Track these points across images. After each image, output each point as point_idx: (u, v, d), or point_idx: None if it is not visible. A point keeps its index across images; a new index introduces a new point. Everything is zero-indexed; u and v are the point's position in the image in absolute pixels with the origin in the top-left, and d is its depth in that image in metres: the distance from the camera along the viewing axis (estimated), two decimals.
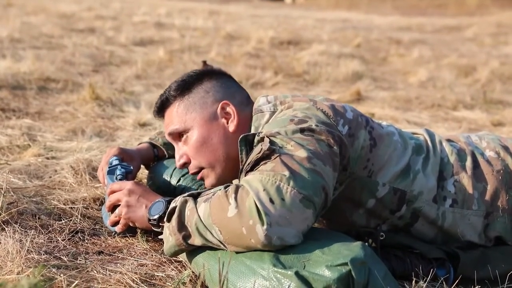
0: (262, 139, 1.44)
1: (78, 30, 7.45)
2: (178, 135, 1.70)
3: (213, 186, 1.65)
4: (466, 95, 4.81)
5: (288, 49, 7.22)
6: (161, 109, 1.75)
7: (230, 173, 1.67)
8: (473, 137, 1.82)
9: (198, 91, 1.70)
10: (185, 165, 1.70)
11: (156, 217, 1.50)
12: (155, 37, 7.34)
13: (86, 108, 3.50)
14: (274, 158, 1.37)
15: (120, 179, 1.78)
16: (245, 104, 1.72)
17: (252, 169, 1.41)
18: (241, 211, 1.29)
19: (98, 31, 7.52)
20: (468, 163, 1.69)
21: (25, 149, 2.58)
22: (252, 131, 1.63)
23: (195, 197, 1.42)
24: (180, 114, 1.68)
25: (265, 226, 1.27)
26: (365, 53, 7.20)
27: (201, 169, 1.68)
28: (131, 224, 1.64)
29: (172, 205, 1.44)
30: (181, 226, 1.40)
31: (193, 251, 1.47)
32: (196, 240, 1.40)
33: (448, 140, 1.78)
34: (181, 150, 1.70)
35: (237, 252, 1.36)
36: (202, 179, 1.70)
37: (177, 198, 1.45)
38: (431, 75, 5.80)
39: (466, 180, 1.66)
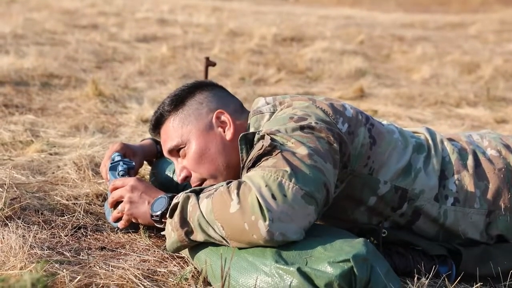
0: (262, 137, 1.44)
1: (81, 27, 7.44)
2: (177, 151, 1.69)
3: None
4: (469, 92, 4.80)
5: (291, 45, 7.21)
6: (156, 126, 1.75)
7: None
8: (474, 136, 1.82)
9: (191, 104, 1.70)
10: (186, 178, 1.69)
11: (158, 213, 1.50)
12: (158, 34, 7.34)
13: (89, 104, 3.50)
14: (276, 154, 1.37)
15: (122, 175, 1.78)
16: (239, 112, 1.73)
17: (253, 165, 1.41)
18: (243, 207, 1.29)
19: (101, 28, 7.52)
20: (470, 161, 1.69)
21: (28, 145, 2.58)
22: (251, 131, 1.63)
23: (197, 193, 1.42)
24: (176, 128, 1.68)
25: (267, 222, 1.27)
26: (368, 50, 7.19)
27: (202, 180, 1.67)
28: (133, 220, 1.64)
29: (174, 201, 1.44)
30: (183, 222, 1.40)
31: (195, 247, 1.47)
32: (198, 236, 1.40)
33: (449, 139, 1.78)
34: (181, 164, 1.70)
35: (239, 248, 1.36)
36: None
37: (179, 194, 1.45)
38: (434, 72, 5.79)
39: (467, 178, 1.66)
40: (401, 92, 4.73)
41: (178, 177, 1.70)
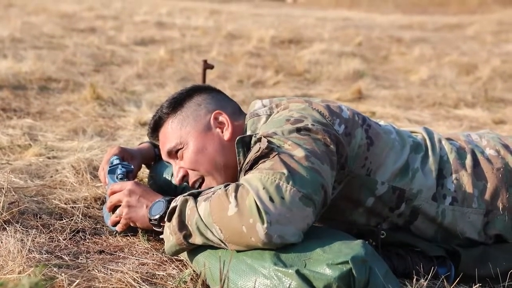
0: (259, 140, 1.44)
1: (79, 30, 7.45)
2: (176, 152, 1.69)
3: None
4: (467, 93, 4.80)
5: (289, 48, 7.22)
6: (155, 129, 1.75)
7: (232, 181, 1.67)
8: (473, 136, 1.82)
9: (190, 106, 1.71)
10: (184, 178, 1.69)
11: (157, 217, 1.50)
12: (156, 37, 7.34)
13: (87, 107, 3.50)
14: (273, 157, 1.37)
15: (121, 179, 1.78)
16: (237, 114, 1.73)
17: (251, 168, 1.42)
18: (241, 210, 1.29)
19: (99, 31, 7.52)
20: (468, 161, 1.69)
21: (26, 148, 2.58)
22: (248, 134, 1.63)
23: (196, 196, 1.42)
24: (174, 130, 1.69)
25: (265, 225, 1.27)
26: (366, 52, 7.20)
27: (201, 177, 1.68)
28: (132, 224, 1.64)
29: (172, 204, 1.44)
30: (182, 225, 1.40)
31: (194, 250, 1.47)
32: (196, 239, 1.40)
33: (448, 139, 1.78)
34: (179, 165, 1.70)
35: (238, 251, 1.36)
36: None
37: (177, 198, 1.45)
38: (432, 73, 5.79)
39: (466, 178, 1.66)
40: (399, 93, 4.74)
41: (175, 178, 1.70)
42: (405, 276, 1.55)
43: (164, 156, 1.73)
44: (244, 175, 1.42)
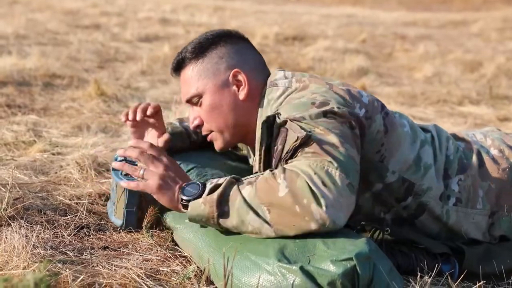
0: (284, 123, 1.45)
1: (83, 27, 7.45)
2: (193, 100, 1.72)
3: (221, 149, 1.75)
4: (472, 90, 4.79)
5: (293, 45, 7.21)
6: (177, 68, 1.77)
7: (236, 139, 1.74)
8: (477, 135, 1.81)
9: (212, 57, 1.71)
10: (198, 127, 1.74)
11: (190, 198, 1.41)
12: (160, 33, 7.34)
13: (92, 104, 3.50)
14: (311, 144, 1.38)
15: (125, 175, 1.77)
16: (259, 70, 1.73)
17: (291, 157, 1.41)
18: (292, 190, 1.30)
19: (103, 28, 7.52)
20: (474, 161, 1.68)
21: (31, 145, 2.58)
22: (265, 103, 1.64)
23: (238, 180, 1.41)
24: (194, 78, 1.70)
25: (323, 208, 1.28)
26: (371, 49, 7.18)
27: (211, 132, 1.73)
28: (142, 190, 1.51)
29: (213, 183, 1.39)
30: (221, 202, 1.37)
31: (197, 246, 1.47)
32: (229, 221, 1.37)
33: (455, 138, 1.78)
34: (196, 112, 1.74)
35: (241, 248, 1.36)
36: (211, 142, 1.76)
37: (220, 179, 1.41)
38: (436, 70, 5.78)
39: (471, 178, 1.65)
40: (403, 90, 4.73)
41: (190, 124, 1.75)
42: (409, 273, 1.55)
43: (183, 100, 1.77)
44: (285, 164, 1.41)
